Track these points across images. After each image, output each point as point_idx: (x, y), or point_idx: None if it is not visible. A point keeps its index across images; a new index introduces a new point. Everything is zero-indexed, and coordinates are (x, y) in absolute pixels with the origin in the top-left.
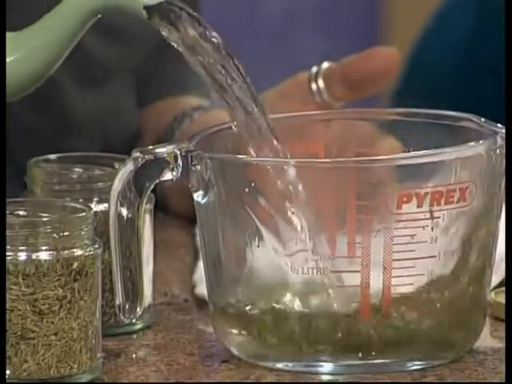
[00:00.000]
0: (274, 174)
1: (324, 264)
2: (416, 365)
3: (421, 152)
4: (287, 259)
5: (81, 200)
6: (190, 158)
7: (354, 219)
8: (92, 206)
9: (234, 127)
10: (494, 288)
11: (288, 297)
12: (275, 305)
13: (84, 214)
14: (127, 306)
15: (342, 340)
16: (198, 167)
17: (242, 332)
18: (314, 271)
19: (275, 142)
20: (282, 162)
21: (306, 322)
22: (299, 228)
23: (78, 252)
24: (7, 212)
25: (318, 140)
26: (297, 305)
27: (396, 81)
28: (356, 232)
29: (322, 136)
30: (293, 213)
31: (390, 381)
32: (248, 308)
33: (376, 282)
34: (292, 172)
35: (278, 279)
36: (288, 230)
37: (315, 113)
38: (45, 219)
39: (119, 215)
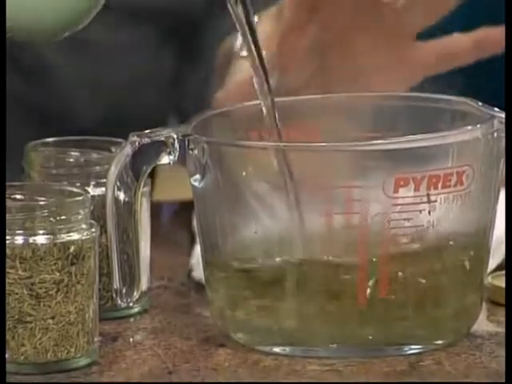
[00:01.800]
0: (271, 157)
1: (321, 248)
2: (412, 349)
3: (418, 136)
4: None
5: (78, 184)
6: (187, 142)
7: (350, 203)
8: (89, 189)
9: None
10: (492, 272)
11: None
12: (270, 284)
13: (81, 197)
14: (124, 290)
15: (339, 323)
16: (195, 151)
17: (237, 313)
18: (311, 254)
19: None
20: (278, 145)
21: (301, 301)
22: (296, 212)
23: (75, 236)
24: None
25: (315, 123)
26: (292, 286)
27: None
28: (353, 216)
29: (318, 119)
30: (290, 197)
31: (386, 365)
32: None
33: (373, 265)
34: (288, 156)
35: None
36: (285, 214)
37: (312, 97)
38: (42, 203)
39: (116, 199)
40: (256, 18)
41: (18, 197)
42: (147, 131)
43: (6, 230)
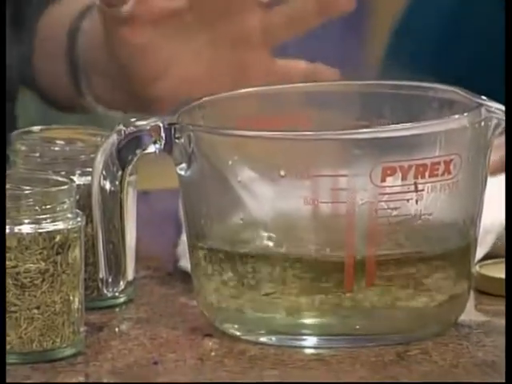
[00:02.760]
0: (258, 146)
1: (307, 237)
2: (400, 338)
3: (405, 124)
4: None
5: (63, 173)
6: (173, 131)
7: (337, 192)
8: (74, 178)
9: None
10: (479, 261)
11: (269, 267)
12: (256, 273)
13: (66, 186)
14: (110, 280)
15: (326, 313)
16: (182, 140)
17: (224, 305)
18: (297, 243)
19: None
20: (265, 134)
21: (287, 290)
22: (282, 201)
23: (61, 225)
24: None
25: (301, 111)
26: (278, 275)
27: (383, 48)
28: (339, 205)
29: (305, 107)
30: (276, 184)
31: (373, 355)
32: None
33: (360, 254)
34: (275, 144)
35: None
36: (270, 203)
37: (298, 85)
38: (27, 192)
39: (102, 188)
40: None
41: None
42: (133, 119)
43: None
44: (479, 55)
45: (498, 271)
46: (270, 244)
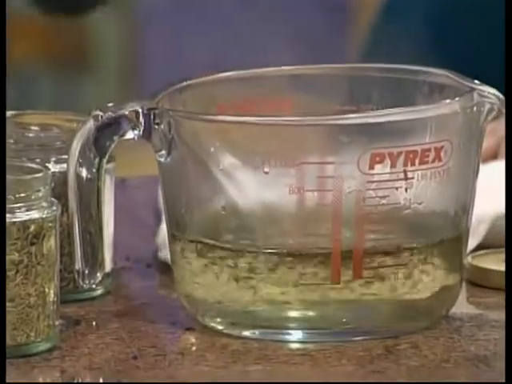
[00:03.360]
0: (241, 132)
1: (292, 227)
2: (389, 332)
3: (394, 109)
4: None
5: (38, 160)
6: (152, 116)
7: (323, 180)
8: (50, 166)
9: None
10: (471, 252)
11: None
12: (239, 264)
13: (41, 174)
14: (87, 271)
15: (311, 305)
16: (161, 126)
17: (205, 297)
18: (282, 234)
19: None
20: (248, 119)
21: (271, 282)
22: (267, 186)
23: (35, 214)
24: None
25: (286, 96)
26: (262, 267)
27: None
28: (326, 193)
29: (289, 91)
30: (259, 171)
31: (361, 349)
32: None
33: (347, 244)
34: (259, 130)
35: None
36: (254, 191)
37: (283, 68)
38: None
39: (78, 176)
40: None
41: None
42: (110, 105)
43: None
44: (476, 40)
45: (491, 262)
46: (253, 234)
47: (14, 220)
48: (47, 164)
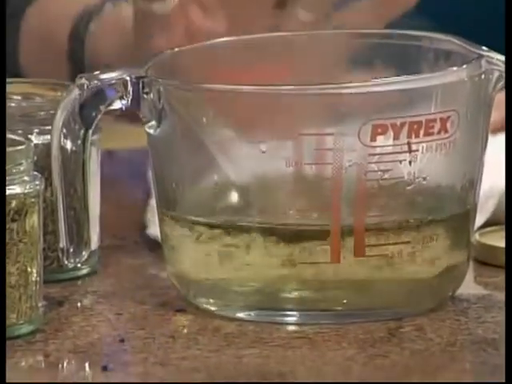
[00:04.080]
0: (235, 102)
1: (289, 202)
2: (391, 314)
3: (397, 78)
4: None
5: (20, 131)
6: (141, 85)
7: (322, 152)
8: (32, 138)
9: None
10: (479, 228)
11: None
12: (233, 242)
13: (23, 146)
14: (71, 250)
15: (309, 285)
16: (151, 95)
17: (197, 277)
18: (278, 210)
19: None
20: (243, 89)
21: (267, 260)
22: (263, 159)
23: (17, 189)
24: None
25: (282, 63)
26: (257, 244)
27: None
28: (325, 166)
29: (286, 59)
30: (255, 144)
31: (362, 331)
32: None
33: (347, 221)
34: (254, 100)
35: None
36: (249, 165)
37: (279, 34)
38: None
39: (62, 148)
40: None
41: None
42: (96, 72)
43: None
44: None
45: (500, 239)
46: (248, 210)
47: None
48: (30, 136)
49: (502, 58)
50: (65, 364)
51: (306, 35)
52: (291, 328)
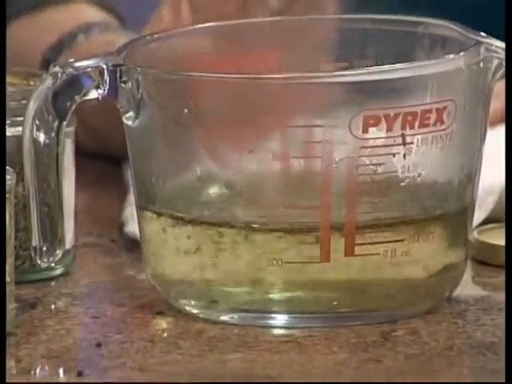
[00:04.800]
0: (219, 91)
1: (276, 198)
2: (385, 316)
3: (391, 66)
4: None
5: None
6: (118, 73)
7: (311, 145)
8: None
9: None
10: (478, 226)
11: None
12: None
13: None
14: (45, 248)
15: (298, 286)
16: (129, 84)
17: (178, 277)
18: (264, 206)
19: None
20: (227, 77)
21: (253, 259)
22: (247, 153)
23: None
24: None
25: (270, 50)
26: (243, 242)
27: None
28: (314, 160)
29: (274, 45)
30: (239, 135)
31: (354, 335)
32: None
33: (338, 219)
34: (238, 89)
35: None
36: (234, 158)
37: (267, 19)
38: None
39: (35, 140)
40: None
41: None
42: (71, 60)
43: None
44: None
45: (499, 238)
46: (232, 206)
47: None
48: None
49: (502, 44)
50: (38, 370)
51: (293, 20)
52: (278, 331)
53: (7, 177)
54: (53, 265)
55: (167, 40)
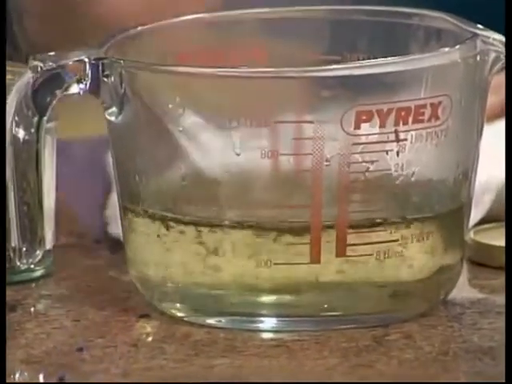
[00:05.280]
0: (205, 86)
1: (264, 197)
2: (377, 319)
3: (384, 59)
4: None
5: None
6: (100, 67)
7: (301, 141)
8: None
9: None
10: (474, 226)
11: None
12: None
13: None
14: (24, 249)
15: (287, 288)
16: (111, 78)
17: (163, 279)
18: (252, 205)
19: None
20: (213, 71)
21: (240, 260)
22: (235, 149)
23: None
24: None
25: (259, 43)
26: (229, 243)
27: None
28: (304, 157)
29: (263, 38)
30: (227, 134)
31: (345, 339)
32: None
33: (329, 218)
34: (226, 83)
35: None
36: (220, 154)
37: (253, 11)
38: None
39: (14, 137)
40: None
41: None
42: (51, 53)
43: None
44: None
45: (497, 238)
46: (219, 205)
47: None
48: None
49: (499, 37)
50: (17, 375)
51: (282, 11)
52: (267, 335)
53: None
54: (32, 266)
55: (151, 33)
